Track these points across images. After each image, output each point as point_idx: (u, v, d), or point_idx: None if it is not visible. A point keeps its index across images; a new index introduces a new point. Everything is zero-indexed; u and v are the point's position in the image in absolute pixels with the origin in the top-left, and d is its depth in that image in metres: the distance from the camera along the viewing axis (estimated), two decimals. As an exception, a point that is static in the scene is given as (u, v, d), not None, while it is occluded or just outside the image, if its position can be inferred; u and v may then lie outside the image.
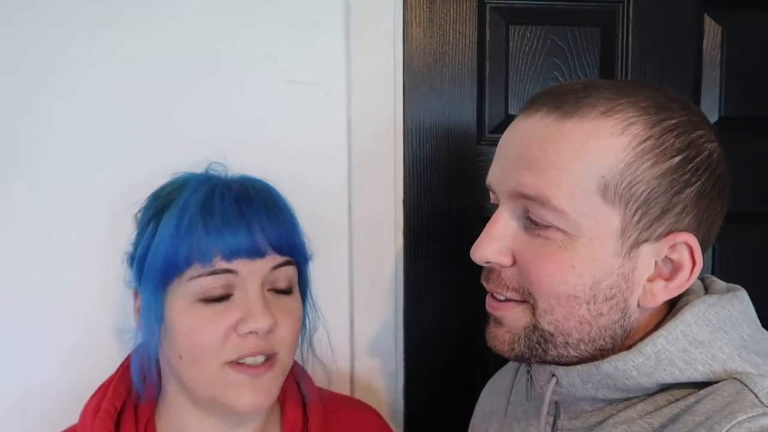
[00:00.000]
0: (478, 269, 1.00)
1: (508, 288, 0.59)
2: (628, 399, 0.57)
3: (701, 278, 0.62)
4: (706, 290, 0.60)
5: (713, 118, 1.03)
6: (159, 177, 0.74)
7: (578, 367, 0.57)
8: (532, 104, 0.58)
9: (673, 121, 0.54)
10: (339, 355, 0.96)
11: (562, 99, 0.56)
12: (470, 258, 1.01)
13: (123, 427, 0.71)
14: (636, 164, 0.53)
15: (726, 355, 0.53)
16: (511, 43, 0.98)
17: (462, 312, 1.01)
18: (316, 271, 0.92)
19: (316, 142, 0.94)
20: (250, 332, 0.66)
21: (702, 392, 0.52)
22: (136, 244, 0.71)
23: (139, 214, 0.72)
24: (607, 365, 0.55)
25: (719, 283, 0.61)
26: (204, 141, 0.90)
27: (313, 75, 0.93)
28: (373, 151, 0.95)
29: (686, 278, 0.55)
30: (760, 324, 0.59)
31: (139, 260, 0.68)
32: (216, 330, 0.66)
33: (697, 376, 0.53)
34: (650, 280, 0.56)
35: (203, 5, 0.89)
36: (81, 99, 0.88)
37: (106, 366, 0.77)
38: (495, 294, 0.61)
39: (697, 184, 0.55)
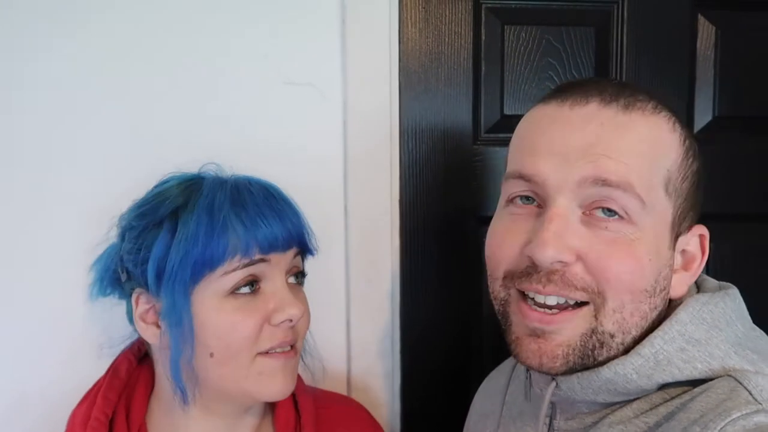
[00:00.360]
0: (475, 270, 1.00)
1: (576, 288, 0.54)
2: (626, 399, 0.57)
3: None
4: (699, 289, 0.61)
5: (707, 117, 1.04)
6: (156, 177, 0.74)
7: (578, 373, 0.57)
8: (575, 93, 0.57)
9: (684, 126, 0.58)
10: (335, 356, 0.96)
11: (611, 92, 0.56)
12: (465, 258, 1.01)
13: None
14: (686, 161, 0.56)
15: (723, 352, 0.54)
16: (506, 43, 0.99)
17: (459, 312, 1.01)
18: (312, 271, 0.92)
19: (312, 143, 0.94)
20: (283, 321, 0.68)
21: (696, 390, 0.53)
22: (138, 249, 0.69)
23: (134, 221, 0.71)
24: (607, 371, 0.55)
25: (711, 282, 0.62)
26: (201, 141, 0.90)
27: (309, 76, 0.93)
28: (369, 152, 0.95)
29: (698, 267, 0.59)
30: (752, 322, 0.59)
31: (157, 263, 0.67)
32: (253, 322, 0.67)
33: (696, 375, 0.53)
34: (675, 271, 0.58)
35: (199, 5, 0.89)
36: (78, 99, 0.88)
37: (106, 367, 0.77)
38: (538, 298, 0.56)
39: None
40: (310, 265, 0.78)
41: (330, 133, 0.94)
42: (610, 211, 0.54)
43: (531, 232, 0.55)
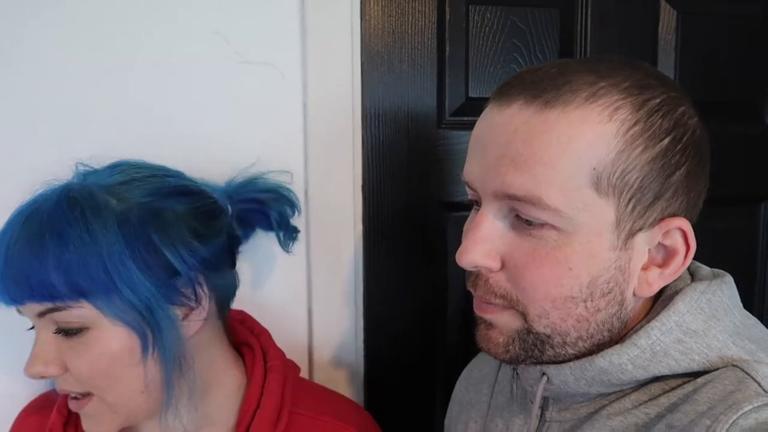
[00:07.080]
0: (439, 256, 0.99)
1: (495, 295, 0.55)
2: (620, 390, 0.56)
3: None
4: (692, 276, 0.59)
5: (669, 102, 1.04)
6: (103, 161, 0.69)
7: (571, 363, 0.55)
8: (505, 94, 0.54)
9: (657, 101, 0.52)
10: (297, 347, 0.93)
11: (539, 87, 0.52)
12: (430, 244, 0.99)
13: None
14: (627, 151, 0.51)
15: (721, 343, 0.52)
16: (471, 23, 0.96)
17: (423, 299, 0.99)
18: (272, 259, 0.89)
19: (271, 125, 0.89)
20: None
21: (699, 380, 0.51)
22: None
23: None
24: (602, 360, 0.53)
25: (704, 269, 0.60)
26: (152, 123, 0.85)
27: (267, 55, 0.88)
28: (331, 135, 0.91)
29: (680, 263, 0.54)
30: (744, 309, 0.58)
31: None
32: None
33: (694, 366, 0.52)
34: (645, 268, 0.54)
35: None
36: (21, 81, 0.81)
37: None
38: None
39: (686, 164, 0.53)
40: (269, 252, 0.74)
41: (290, 115, 0.90)
42: (528, 221, 0.53)
43: None
